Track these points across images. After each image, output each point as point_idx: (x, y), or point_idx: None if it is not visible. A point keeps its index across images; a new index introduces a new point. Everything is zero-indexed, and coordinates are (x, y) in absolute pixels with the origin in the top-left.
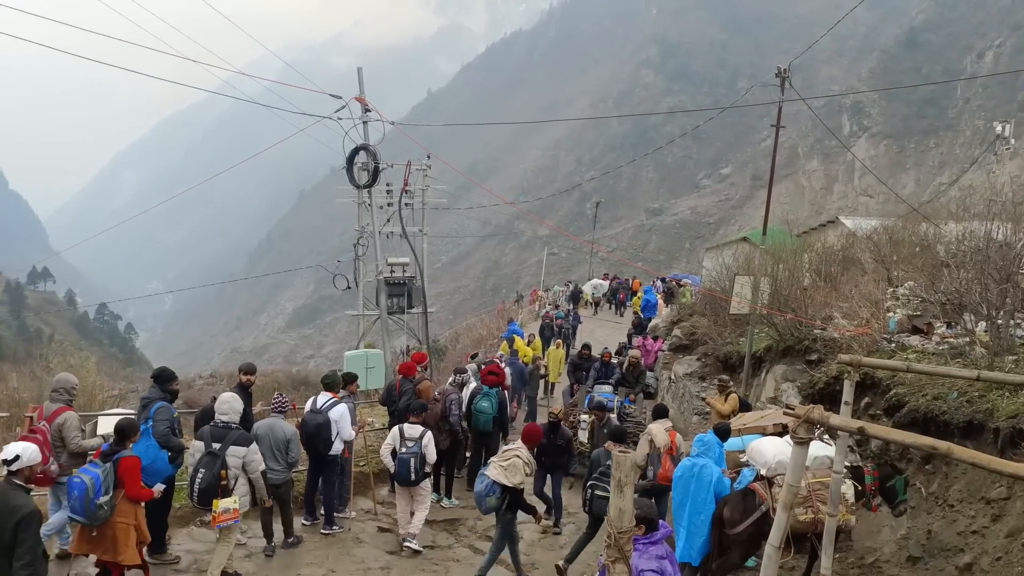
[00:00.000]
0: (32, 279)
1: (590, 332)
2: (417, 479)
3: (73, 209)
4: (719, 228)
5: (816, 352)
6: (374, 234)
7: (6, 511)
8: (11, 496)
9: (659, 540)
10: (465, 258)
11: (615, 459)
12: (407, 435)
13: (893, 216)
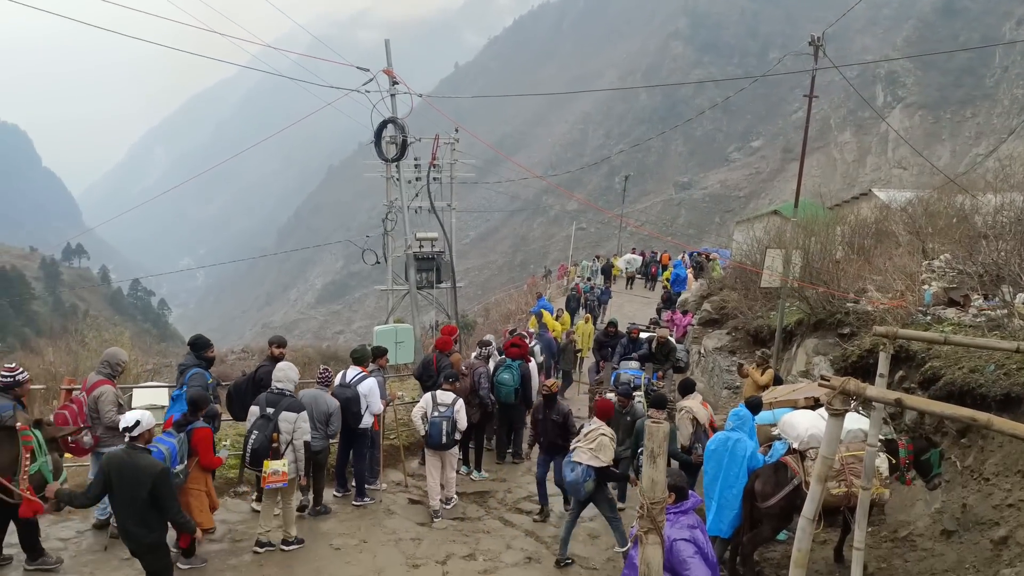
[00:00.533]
0: (67, 255)
1: (618, 307)
2: (448, 443)
3: (106, 186)
4: (749, 202)
5: (849, 326)
6: (403, 209)
7: (139, 472)
8: (139, 459)
9: (689, 510)
10: (493, 234)
11: (647, 429)
12: (439, 401)
13: (928, 188)
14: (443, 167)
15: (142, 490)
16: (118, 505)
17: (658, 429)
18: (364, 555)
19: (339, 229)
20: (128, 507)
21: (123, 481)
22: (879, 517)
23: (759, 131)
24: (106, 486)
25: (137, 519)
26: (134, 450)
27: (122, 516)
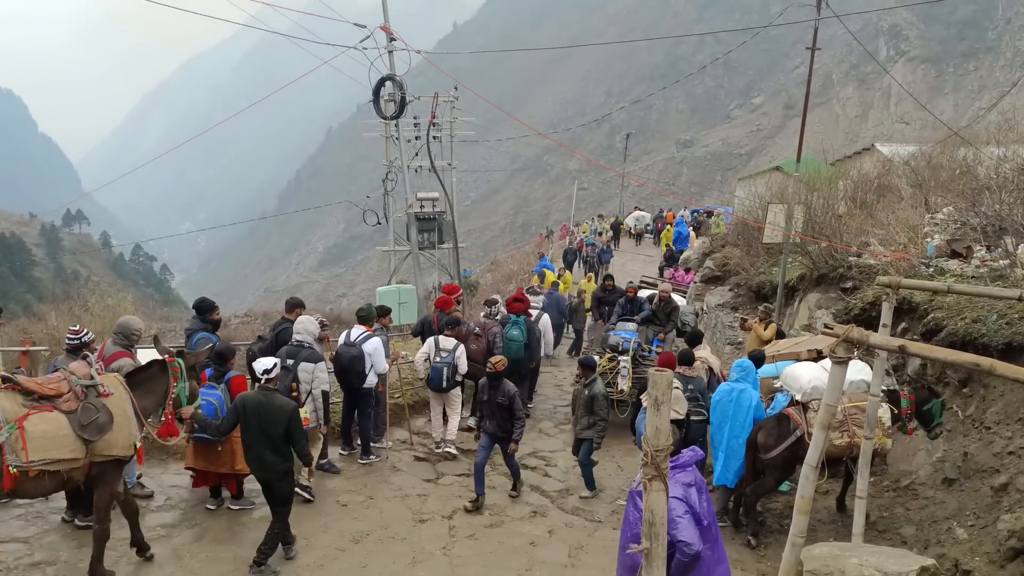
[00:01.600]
0: (67, 221)
1: (620, 266)
2: (448, 386)
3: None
4: (751, 159)
5: (851, 279)
6: (403, 168)
7: (276, 410)
8: (275, 399)
9: (687, 465)
10: (494, 195)
11: (651, 377)
12: (441, 346)
13: (930, 142)
14: (443, 126)
15: (280, 426)
16: (253, 439)
17: (662, 377)
18: (371, 511)
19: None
20: (265, 440)
21: (261, 418)
22: (881, 467)
23: (760, 88)
24: (237, 422)
25: (274, 450)
26: (268, 391)
27: (257, 448)
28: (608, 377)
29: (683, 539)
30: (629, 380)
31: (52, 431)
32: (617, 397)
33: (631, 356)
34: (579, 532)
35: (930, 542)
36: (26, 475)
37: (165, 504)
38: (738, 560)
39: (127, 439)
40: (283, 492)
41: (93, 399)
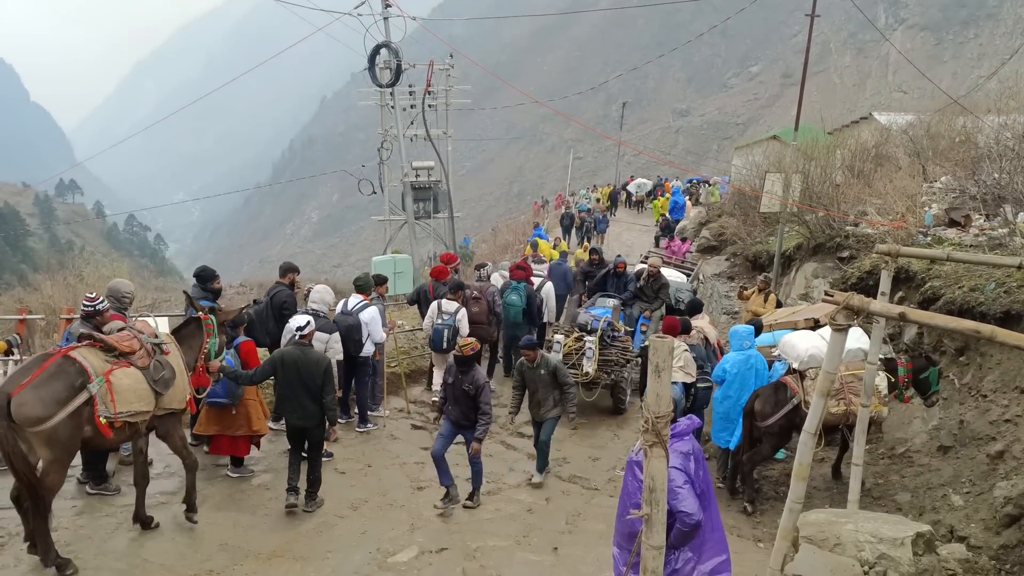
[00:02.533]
0: (60, 191)
1: (616, 235)
2: (448, 348)
3: (97, 121)
4: (747, 128)
5: (848, 249)
6: (398, 136)
7: (313, 363)
8: (310, 353)
9: (684, 434)
10: (489, 164)
11: (652, 344)
12: (444, 309)
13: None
14: (438, 94)
15: (318, 378)
16: (293, 390)
17: (663, 343)
18: (369, 478)
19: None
20: (305, 391)
21: (300, 371)
22: (876, 435)
23: (758, 56)
24: (271, 374)
25: (313, 399)
26: (304, 346)
27: (299, 399)
28: (573, 358)
29: (684, 509)
30: (595, 362)
31: (133, 385)
32: (582, 380)
33: (598, 336)
34: (576, 499)
35: (925, 509)
36: (111, 425)
37: (164, 471)
38: (734, 526)
39: (183, 393)
40: (317, 438)
41: (159, 356)
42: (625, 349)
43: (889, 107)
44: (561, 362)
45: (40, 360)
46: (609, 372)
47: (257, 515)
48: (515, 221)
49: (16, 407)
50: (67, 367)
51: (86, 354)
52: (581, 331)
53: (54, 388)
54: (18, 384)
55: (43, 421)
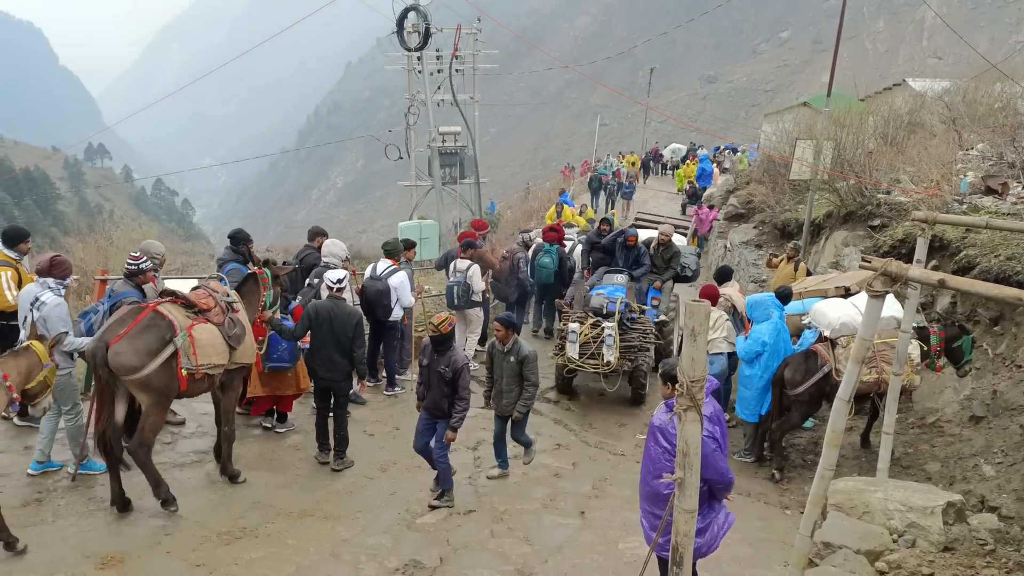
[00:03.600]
0: (89, 155)
1: (643, 203)
2: (460, 304)
3: (123, 85)
4: (776, 96)
5: (880, 217)
6: (427, 100)
7: (345, 317)
8: (343, 307)
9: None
10: (514, 130)
11: (688, 308)
12: (456, 268)
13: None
14: (465, 59)
15: (349, 330)
16: (324, 342)
17: (699, 307)
18: (397, 441)
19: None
20: (335, 343)
21: (333, 323)
22: (906, 404)
23: (788, 21)
24: (309, 327)
25: (342, 353)
26: (338, 301)
27: (328, 351)
28: (592, 347)
29: (715, 477)
30: (616, 350)
31: (211, 340)
32: (603, 371)
33: (617, 321)
34: (602, 465)
35: (955, 479)
36: (192, 377)
37: (197, 431)
38: (761, 493)
39: (251, 348)
40: (342, 392)
41: (231, 313)
42: (646, 332)
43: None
44: (535, 352)
45: (134, 313)
46: (632, 359)
47: (288, 475)
48: (539, 188)
49: (112, 356)
50: (158, 320)
51: (171, 309)
52: (596, 316)
53: (147, 340)
54: (115, 334)
55: (137, 371)
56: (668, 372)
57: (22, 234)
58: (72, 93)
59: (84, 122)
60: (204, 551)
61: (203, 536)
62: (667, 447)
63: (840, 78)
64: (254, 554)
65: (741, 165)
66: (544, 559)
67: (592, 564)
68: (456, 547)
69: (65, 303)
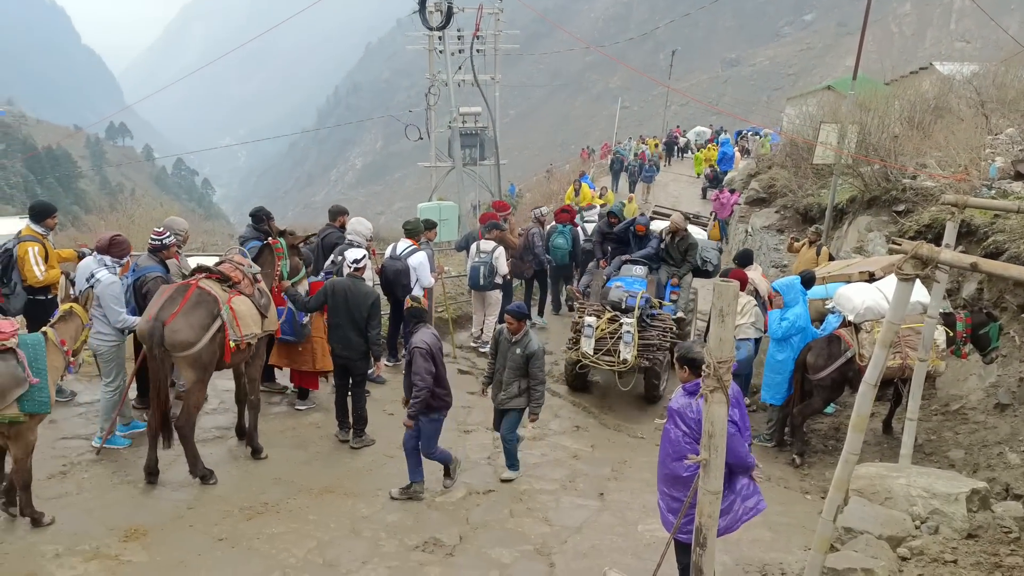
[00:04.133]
0: (111, 134)
1: (663, 186)
2: (484, 285)
3: (145, 64)
4: (799, 79)
5: (905, 202)
6: (448, 81)
7: (361, 296)
8: (361, 286)
9: None
10: (533, 112)
11: (716, 288)
12: (481, 248)
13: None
14: (486, 39)
15: (364, 310)
16: (340, 320)
17: (728, 288)
18: None
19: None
20: (351, 323)
21: (349, 302)
22: (930, 390)
23: (812, 4)
24: (324, 303)
25: (358, 332)
26: (356, 280)
27: (344, 329)
28: (608, 343)
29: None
30: (634, 348)
31: (248, 311)
32: (619, 369)
33: (636, 317)
34: (621, 448)
35: (979, 466)
36: (237, 348)
37: (219, 407)
38: (781, 478)
39: (275, 317)
40: (360, 371)
41: (257, 284)
42: (666, 330)
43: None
44: (543, 349)
45: (181, 291)
46: (651, 357)
47: (310, 452)
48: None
49: (170, 334)
50: (204, 296)
51: (211, 285)
52: (614, 310)
53: (199, 315)
54: (170, 313)
55: (192, 346)
56: (684, 356)
57: (49, 209)
58: (94, 72)
59: (106, 101)
60: (226, 525)
61: (225, 511)
62: (685, 430)
63: (865, 61)
64: (276, 529)
65: (763, 149)
66: (563, 539)
67: (611, 545)
68: (475, 526)
69: (119, 281)
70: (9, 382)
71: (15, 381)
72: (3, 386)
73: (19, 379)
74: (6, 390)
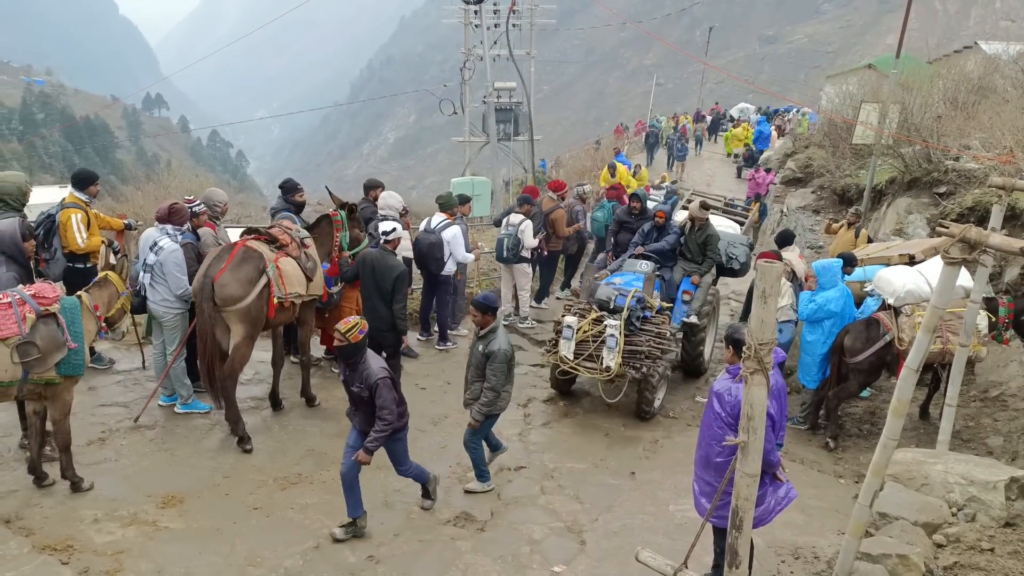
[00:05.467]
0: (147, 105)
1: (697, 164)
2: (507, 258)
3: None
4: (838, 58)
5: (946, 184)
6: (484, 55)
7: (388, 269)
8: (389, 259)
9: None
10: (567, 89)
11: (759, 269)
12: (509, 221)
13: None
14: (522, 13)
15: (388, 283)
16: (369, 292)
17: (771, 268)
18: (449, 395)
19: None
20: (378, 294)
21: (377, 274)
22: (969, 377)
23: None
24: (358, 274)
25: (384, 303)
26: (386, 252)
27: (373, 300)
28: (591, 347)
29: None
30: (618, 355)
31: (294, 271)
32: (602, 377)
33: (624, 318)
34: (653, 427)
35: (1019, 454)
36: (281, 305)
37: (254, 378)
38: (815, 461)
39: (321, 281)
40: (388, 343)
41: (304, 249)
42: (661, 336)
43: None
44: (506, 352)
45: (227, 250)
46: (638, 367)
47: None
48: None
49: (219, 289)
50: (250, 254)
51: (257, 244)
52: (602, 310)
53: (246, 271)
54: (218, 269)
55: (240, 300)
56: (731, 336)
57: (91, 177)
58: (131, 42)
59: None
60: (261, 494)
61: (260, 480)
62: (721, 412)
63: (908, 39)
64: (309, 500)
65: (801, 128)
66: (594, 517)
67: (642, 524)
68: (507, 502)
69: (181, 250)
70: (51, 346)
71: (56, 345)
72: (46, 349)
73: (60, 343)
74: (48, 353)
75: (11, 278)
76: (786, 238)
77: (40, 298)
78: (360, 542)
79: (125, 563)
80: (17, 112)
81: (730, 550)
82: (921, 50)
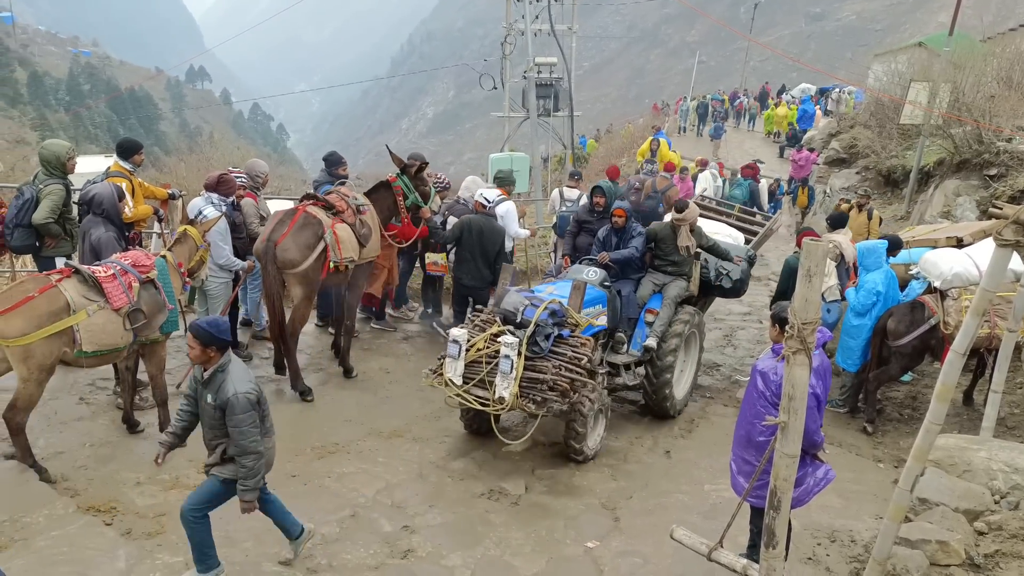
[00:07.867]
0: (190, 77)
1: (738, 143)
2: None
3: (223, 8)
4: (887, 35)
5: (997, 166)
6: (526, 29)
7: (495, 234)
8: (495, 224)
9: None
10: (607, 65)
11: (804, 247)
12: (566, 196)
13: None
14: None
15: (496, 246)
16: (472, 254)
17: (817, 247)
18: None
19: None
20: (481, 255)
21: (483, 238)
22: (1016, 362)
23: None
24: (459, 236)
25: (486, 264)
26: (488, 217)
27: (476, 262)
28: (481, 371)
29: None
30: (515, 382)
31: (348, 237)
32: (495, 410)
33: (528, 335)
34: (691, 406)
35: None
36: (337, 269)
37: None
38: (853, 445)
39: (376, 246)
40: (482, 299)
41: (360, 215)
42: (576, 359)
43: None
44: (248, 396)
45: (289, 214)
46: (539, 399)
47: (379, 396)
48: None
49: (280, 252)
50: (310, 219)
51: (316, 210)
52: (506, 323)
53: (306, 236)
54: (280, 234)
55: (299, 264)
56: (777, 314)
57: (136, 146)
58: (175, 13)
59: (186, 43)
60: (299, 463)
61: (297, 449)
62: (766, 392)
63: (960, 17)
64: (346, 469)
65: (847, 108)
66: (629, 495)
67: (677, 503)
68: (541, 477)
69: (225, 219)
70: (155, 309)
71: (158, 307)
72: (151, 313)
73: (161, 306)
74: (152, 317)
75: (111, 238)
76: (839, 220)
77: (140, 266)
78: (396, 510)
79: (167, 525)
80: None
81: (767, 530)
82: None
